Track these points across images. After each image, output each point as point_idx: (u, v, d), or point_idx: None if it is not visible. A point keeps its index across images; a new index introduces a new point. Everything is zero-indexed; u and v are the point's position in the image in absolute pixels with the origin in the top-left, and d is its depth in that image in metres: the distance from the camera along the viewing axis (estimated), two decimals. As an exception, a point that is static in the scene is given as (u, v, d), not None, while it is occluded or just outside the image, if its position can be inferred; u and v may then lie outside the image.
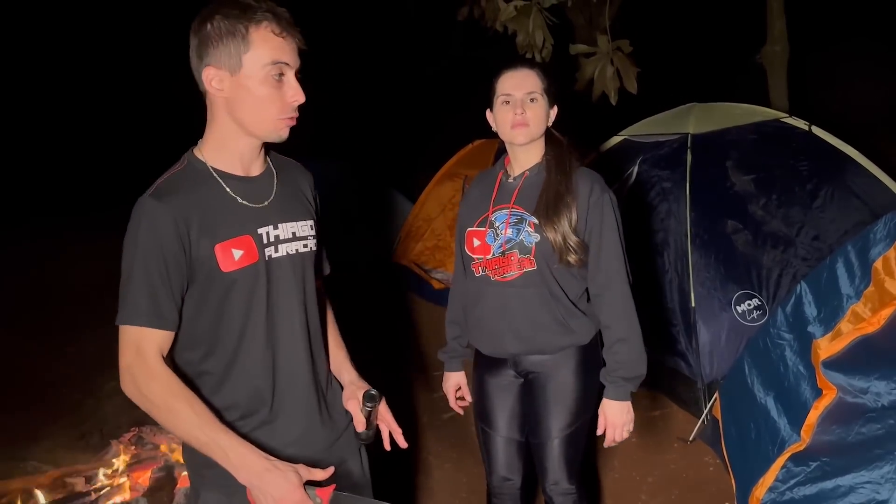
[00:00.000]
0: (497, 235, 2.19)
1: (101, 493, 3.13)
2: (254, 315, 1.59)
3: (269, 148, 1.71)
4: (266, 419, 1.64)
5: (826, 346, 2.41)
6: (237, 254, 1.54)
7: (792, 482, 2.26)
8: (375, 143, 11.84)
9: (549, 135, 2.26)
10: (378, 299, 6.14)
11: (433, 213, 6.25)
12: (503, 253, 2.17)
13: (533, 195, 2.18)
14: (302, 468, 1.48)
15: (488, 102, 2.23)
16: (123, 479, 3.20)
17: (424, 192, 6.44)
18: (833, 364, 2.31)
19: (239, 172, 1.61)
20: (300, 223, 1.68)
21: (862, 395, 2.15)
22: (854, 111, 8.46)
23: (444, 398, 2.59)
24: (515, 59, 2.54)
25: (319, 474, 1.51)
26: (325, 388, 1.78)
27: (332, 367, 1.87)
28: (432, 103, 12.80)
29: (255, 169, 1.65)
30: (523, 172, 2.23)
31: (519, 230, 2.16)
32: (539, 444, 2.25)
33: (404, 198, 7.03)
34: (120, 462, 3.32)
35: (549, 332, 2.19)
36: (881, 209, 3.57)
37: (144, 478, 3.17)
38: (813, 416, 2.33)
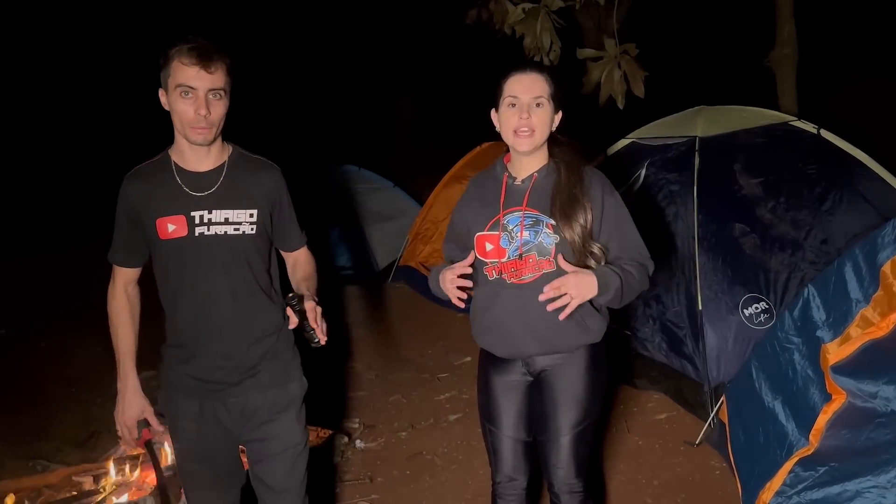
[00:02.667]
0: (512, 238, 2.19)
1: (109, 491, 3.15)
2: (184, 275, 2.13)
3: (239, 148, 2.22)
4: (190, 355, 2.18)
5: (835, 351, 2.41)
6: (171, 227, 2.09)
7: (800, 486, 2.25)
8: (384, 146, 11.88)
9: (554, 138, 2.26)
10: (385, 301, 6.15)
11: (441, 215, 6.26)
12: (520, 255, 2.17)
13: (545, 197, 2.19)
14: (148, 411, 2.23)
15: (493, 102, 2.24)
16: (131, 479, 3.22)
17: (432, 195, 6.45)
18: (842, 369, 2.30)
19: (190, 168, 2.13)
20: (237, 211, 2.14)
21: (871, 399, 2.14)
22: (863, 114, 8.43)
23: (450, 400, 2.59)
24: (524, 61, 2.54)
25: (155, 423, 2.25)
26: (252, 343, 2.20)
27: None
28: (440, 107, 12.83)
29: (205, 166, 2.14)
30: (532, 175, 2.24)
31: (536, 232, 2.16)
32: (548, 441, 2.26)
33: (413, 200, 7.05)
34: (127, 461, 3.33)
35: (567, 332, 2.20)
36: (890, 212, 3.56)
37: (151, 477, 3.18)
38: (822, 420, 2.32)
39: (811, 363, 2.56)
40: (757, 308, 3.58)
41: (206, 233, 2.11)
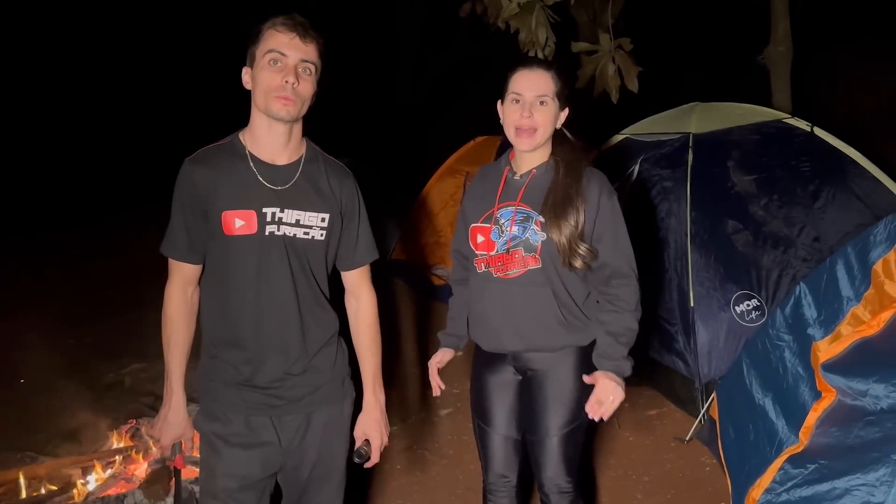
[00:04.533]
0: (502, 232, 2.19)
1: (98, 484, 3.13)
2: (247, 276, 1.93)
3: (314, 145, 2.06)
4: (248, 360, 1.97)
5: (826, 349, 2.41)
6: (238, 223, 1.89)
7: (789, 484, 2.25)
8: (378, 139, 11.84)
9: (559, 135, 2.24)
10: (378, 295, 6.14)
11: (434, 209, 6.25)
12: (507, 250, 2.17)
13: (540, 194, 2.17)
14: (187, 434, 2.03)
15: (500, 94, 2.22)
16: (119, 471, 3.21)
17: (426, 189, 6.44)
18: (833, 366, 2.30)
19: (266, 159, 1.95)
20: (309, 213, 1.96)
21: (861, 397, 2.14)
22: (857, 113, 8.45)
23: (441, 395, 2.59)
24: (529, 58, 2.53)
25: (189, 449, 2.08)
26: (315, 353, 2.03)
27: (362, 375, 2.17)
28: (435, 100, 12.80)
29: (283, 159, 1.96)
30: (530, 170, 2.22)
31: (525, 228, 2.16)
32: (537, 441, 2.25)
33: (406, 194, 7.03)
34: (117, 454, 3.32)
35: (549, 330, 2.19)
36: (882, 211, 3.57)
37: (141, 470, 3.17)
38: (812, 417, 2.33)
39: (802, 361, 2.56)
40: (748, 305, 3.58)
41: (276, 232, 1.92)
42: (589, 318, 2.23)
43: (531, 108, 2.13)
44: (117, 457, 3.30)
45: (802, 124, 4.09)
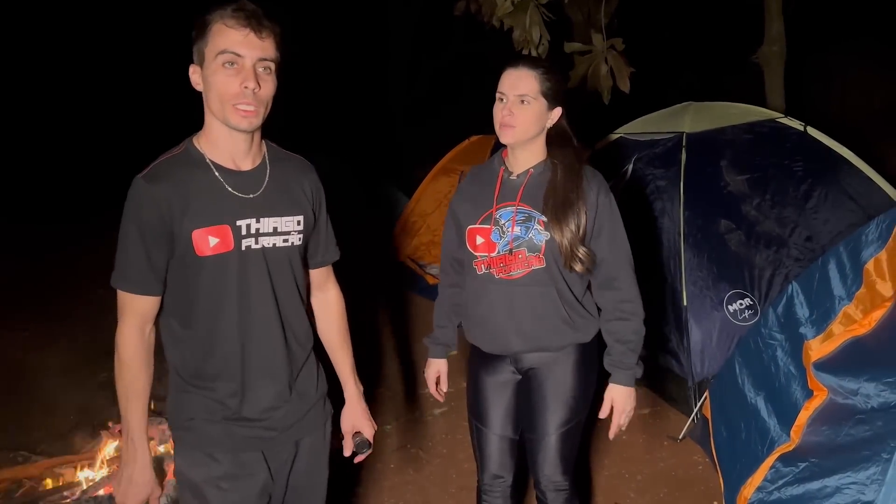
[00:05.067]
0: (503, 233, 2.17)
1: (91, 483, 3.13)
2: (226, 299, 1.73)
3: (270, 142, 1.85)
4: (235, 392, 1.78)
5: (817, 348, 2.42)
6: (213, 241, 1.68)
7: (780, 482, 2.27)
8: (372, 138, 11.83)
9: (556, 135, 2.22)
10: (372, 295, 6.13)
11: (429, 208, 6.25)
12: (510, 251, 2.16)
13: (539, 193, 2.16)
14: (154, 494, 1.77)
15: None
16: (112, 471, 3.20)
17: (420, 188, 6.44)
18: (824, 365, 2.31)
19: (230, 166, 1.73)
20: (284, 218, 1.79)
21: (852, 396, 2.15)
22: (850, 112, 8.48)
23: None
24: (519, 56, 2.50)
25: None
26: (298, 373, 1.90)
27: (336, 369, 2.09)
28: (430, 98, 12.79)
29: (247, 164, 1.76)
30: (528, 170, 2.21)
31: (528, 228, 2.15)
32: (535, 439, 2.25)
33: (400, 193, 7.03)
34: (109, 453, 3.31)
35: (554, 330, 2.19)
36: (875, 211, 3.58)
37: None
38: (803, 416, 2.34)
39: (794, 360, 2.57)
40: (741, 304, 3.60)
41: (254, 246, 1.73)
42: (590, 313, 2.25)
43: (512, 106, 2.12)
44: (110, 456, 3.29)
45: (796, 124, 4.11)
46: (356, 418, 2.09)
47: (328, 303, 2.10)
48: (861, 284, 2.45)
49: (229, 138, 1.72)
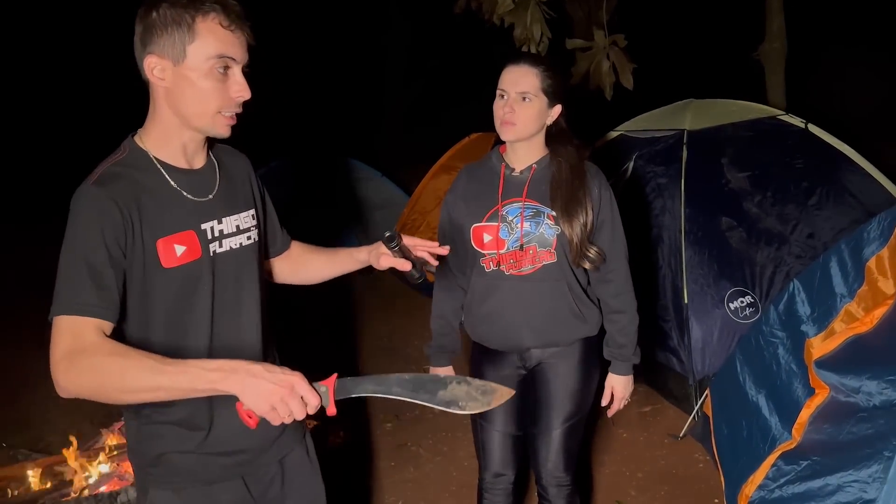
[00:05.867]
0: (512, 229, 2.16)
1: (91, 481, 3.12)
2: (196, 311, 1.54)
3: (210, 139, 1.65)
4: (205, 413, 1.58)
5: (819, 346, 2.41)
6: (179, 249, 1.49)
7: (782, 480, 2.26)
8: (371, 136, 11.82)
9: (557, 131, 2.22)
10: (372, 292, 6.13)
11: (429, 206, 6.23)
12: (521, 246, 2.15)
13: (544, 189, 2.16)
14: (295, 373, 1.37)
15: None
16: (113, 468, 3.19)
17: (420, 186, 6.42)
18: (826, 363, 2.31)
19: (182, 165, 1.56)
20: (242, 214, 1.64)
21: (854, 394, 2.14)
22: (851, 109, 8.47)
23: (436, 392, 2.58)
24: (520, 53, 2.49)
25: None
26: None
27: (333, 261, 1.91)
28: (431, 96, 12.77)
29: (198, 161, 1.60)
30: (531, 166, 2.20)
31: (537, 223, 2.14)
32: (539, 434, 2.26)
33: (400, 190, 7.02)
34: (109, 451, 3.31)
35: (564, 323, 2.21)
36: (876, 208, 3.57)
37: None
38: (805, 414, 2.33)
39: (795, 357, 2.56)
40: (742, 302, 3.59)
41: (219, 249, 1.57)
42: (594, 303, 2.28)
43: (513, 103, 2.11)
44: (111, 454, 3.29)
45: (797, 121, 4.10)
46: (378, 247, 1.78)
47: (292, 247, 1.94)
48: (863, 282, 2.44)
49: (191, 140, 1.55)
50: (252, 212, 1.68)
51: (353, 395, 1.45)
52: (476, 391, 1.44)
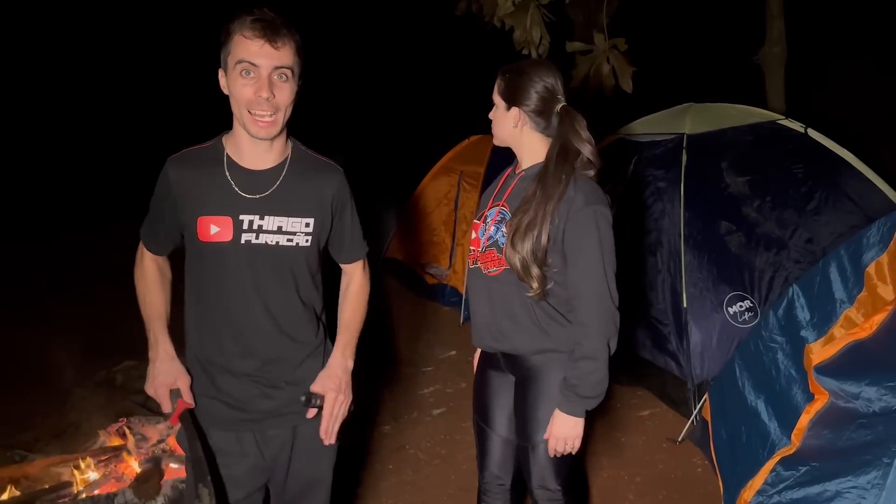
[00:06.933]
0: (485, 231, 2.20)
1: (88, 483, 3.11)
2: (222, 284, 1.87)
3: (300, 145, 1.97)
4: (222, 373, 1.93)
5: (819, 351, 2.41)
6: (213, 229, 1.83)
7: (781, 486, 2.25)
8: (372, 137, 11.82)
9: (558, 143, 2.13)
10: (370, 294, 6.12)
11: (428, 208, 6.23)
12: (484, 249, 2.18)
13: (520, 197, 2.12)
14: (182, 380, 1.90)
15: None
16: (110, 470, 3.18)
17: (420, 187, 6.43)
18: (825, 369, 2.30)
19: (246, 164, 1.87)
20: (292, 219, 1.87)
21: (853, 400, 2.14)
22: (851, 114, 8.47)
23: (434, 394, 2.58)
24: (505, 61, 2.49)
25: (188, 395, 1.91)
26: (294, 365, 1.98)
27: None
28: (430, 98, 12.78)
29: (264, 164, 1.88)
30: (521, 171, 2.20)
31: (498, 229, 2.15)
32: (525, 447, 2.21)
33: (400, 193, 7.02)
34: (107, 452, 3.30)
35: (525, 331, 2.13)
36: (875, 213, 3.58)
37: (131, 469, 3.15)
38: (804, 420, 2.33)
39: (794, 363, 2.56)
40: (741, 306, 3.59)
41: (254, 241, 1.85)
42: (565, 316, 2.12)
43: (492, 111, 2.20)
44: (108, 455, 3.28)
45: (796, 125, 4.10)
46: (324, 381, 1.98)
47: (349, 285, 2.16)
48: (862, 288, 2.44)
49: (249, 141, 1.84)
50: (308, 220, 1.90)
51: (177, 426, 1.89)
52: None
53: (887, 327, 2.21)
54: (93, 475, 3.17)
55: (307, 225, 1.90)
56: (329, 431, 1.95)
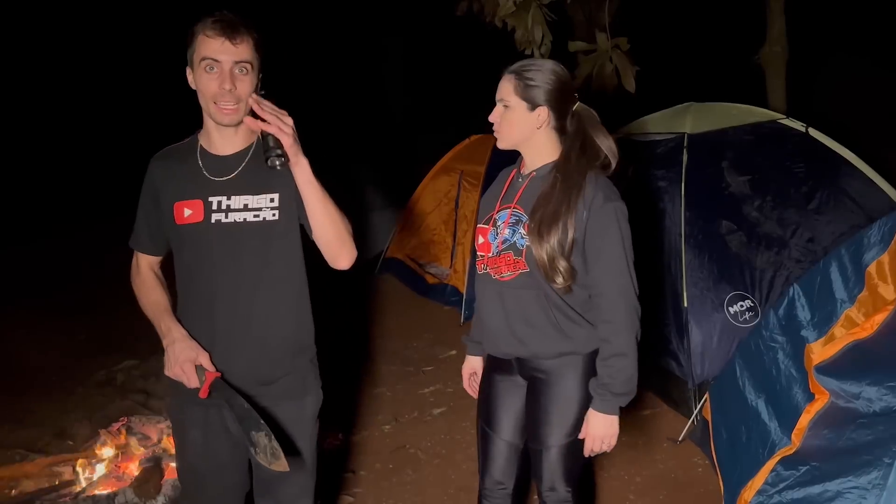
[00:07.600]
0: (497, 234, 2.16)
1: (89, 482, 3.12)
2: (198, 265, 2.01)
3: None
4: (206, 348, 1.99)
5: (819, 351, 2.41)
6: (187, 212, 1.98)
7: (781, 486, 2.25)
8: (373, 136, 11.82)
9: (574, 139, 2.16)
10: (371, 293, 6.13)
11: (428, 207, 6.23)
12: (499, 253, 2.14)
13: (534, 196, 2.11)
14: (202, 355, 1.95)
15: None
16: (111, 469, 3.19)
17: (420, 187, 6.43)
18: (826, 369, 2.30)
19: (214, 151, 2.03)
20: (257, 197, 1.99)
21: (854, 400, 2.14)
22: (852, 113, 8.46)
23: (435, 394, 2.58)
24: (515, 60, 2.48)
25: (211, 367, 1.95)
26: (276, 340, 2.07)
27: None
28: (430, 98, 12.78)
29: (231, 149, 2.02)
30: (531, 172, 2.18)
31: (514, 231, 2.12)
32: (537, 451, 2.20)
33: (401, 192, 7.02)
34: (108, 452, 3.30)
35: (544, 335, 2.12)
36: (876, 213, 3.57)
37: (131, 468, 3.16)
38: (804, 420, 2.32)
39: (795, 362, 2.56)
40: (742, 306, 3.58)
41: (224, 220, 1.97)
42: (589, 322, 2.13)
43: (497, 111, 2.14)
44: (108, 455, 3.28)
45: (797, 125, 4.09)
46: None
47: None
48: (863, 287, 2.44)
49: (216, 129, 1.99)
50: (273, 196, 1.99)
51: (213, 394, 1.90)
52: (268, 450, 1.79)
53: (888, 327, 2.20)
54: (93, 475, 3.17)
55: (272, 200, 2.00)
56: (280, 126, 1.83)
